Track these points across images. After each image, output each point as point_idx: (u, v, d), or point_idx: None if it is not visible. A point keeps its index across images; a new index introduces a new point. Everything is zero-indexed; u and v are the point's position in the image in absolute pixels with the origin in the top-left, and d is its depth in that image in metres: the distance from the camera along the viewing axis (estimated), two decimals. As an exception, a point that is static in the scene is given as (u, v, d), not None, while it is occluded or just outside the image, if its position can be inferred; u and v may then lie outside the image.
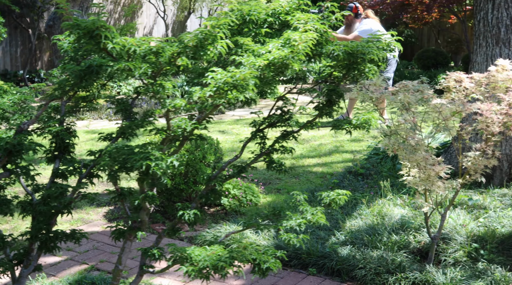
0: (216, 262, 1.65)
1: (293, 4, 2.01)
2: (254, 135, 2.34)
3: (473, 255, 3.48)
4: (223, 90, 1.60)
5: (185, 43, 1.65)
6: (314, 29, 1.82)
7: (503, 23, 4.77)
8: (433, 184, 3.11)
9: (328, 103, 2.12)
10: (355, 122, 2.15)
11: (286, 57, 1.65)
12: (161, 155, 1.58)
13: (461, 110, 3.03)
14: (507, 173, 4.84)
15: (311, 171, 5.62)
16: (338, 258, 3.39)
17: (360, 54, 1.85)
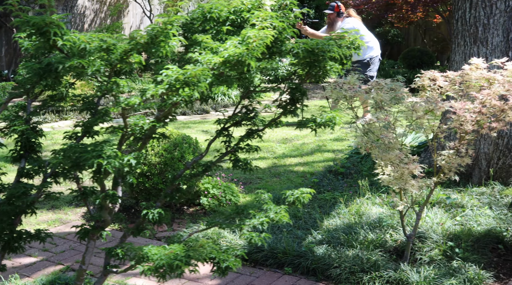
0: (172, 261, 1.64)
1: (256, 1, 2.00)
2: (219, 134, 2.33)
3: (448, 254, 3.49)
4: (175, 87, 1.59)
5: (136, 40, 1.65)
6: (272, 26, 1.81)
7: (480, 22, 4.79)
8: (407, 183, 3.12)
9: (291, 101, 2.12)
10: (319, 120, 2.14)
11: (240, 54, 1.64)
12: (114, 153, 1.57)
13: (433, 108, 3.04)
14: (485, 171, 4.86)
15: (292, 171, 5.62)
16: (314, 257, 3.39)
17: (320, 52, 1.85)
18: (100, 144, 1.58)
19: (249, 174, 5.41)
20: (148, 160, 4.22)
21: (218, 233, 3.73)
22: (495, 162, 4.84)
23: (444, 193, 4.61)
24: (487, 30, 4.77)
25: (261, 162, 5.94)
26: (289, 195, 2.10)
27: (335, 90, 3.18)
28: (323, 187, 4.84)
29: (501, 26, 4.72)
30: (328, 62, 1.86)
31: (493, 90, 3.19)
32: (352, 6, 13.15)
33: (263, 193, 2.16)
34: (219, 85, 1.73)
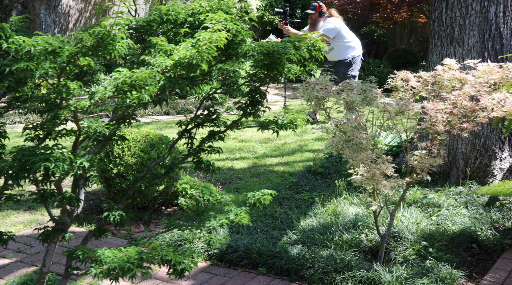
0: (125, 263, 1.64)
1: (214, 4, 2.00)
2: (180, 136, 2.33)
3: (422, 253, 3.51)
4: (123, 90, 1.59)
5: (82, 43, 1.64)
6: (225, 29, 1.81)
7: (456, 22, 4.83)
8: (378, 183, 3.14)
9: (251, 103, 2.12)
10: (281, 122, 2.15)
11: (191, 57, 1.64)
12: (62, 156, 1.56)
13: (404, 109, 3.05)
14: (463, 171, 4.89)
15: (272, 171, 5.63)
16: (288, 257, 3.40)
17: (277, 54, 1.85)
18: (51, 148, 1.57)
19: (229, 174, 5.41)
20: (124, 161, 4.21)
21: (195, 233, 3.73)
22: (473, 161, 4.88)
23: (422, 192, 4.64)
24: (463, 30, 4.81)
25: (242, 162, 5.94)
26: (250, 196, 2.10)
27: (306, 91, 3.19)
28: (302, 187, 4.85)
29: (477, 27, 4.76)
30: (286, 65, 1.86)
31: (463, 91, 3.21)
32: (336, 6, 13.20)
33: (225, 195, 2.16)
34: (173, 87, 1.73)
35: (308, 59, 2.01)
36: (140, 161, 4.22)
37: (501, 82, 3.35)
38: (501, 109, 3.11)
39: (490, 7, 4.71)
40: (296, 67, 1.92)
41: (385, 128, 3.08)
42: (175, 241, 3.68)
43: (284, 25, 8.01)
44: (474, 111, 3.25)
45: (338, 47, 7.96)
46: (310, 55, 2.03)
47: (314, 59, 2.11)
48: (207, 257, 3.58)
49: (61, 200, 1.84)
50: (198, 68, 1.65)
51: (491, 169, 4.82)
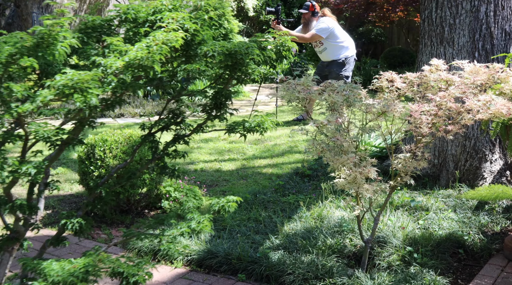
0: (68, 277, 1.55)
1: (177, 2, 1.90)
2: (144, 140, 2.23)
3: (407, 259, 3.42)
4: (64, 93, 1.50)
5: (22, 42, 1.55)
6: (182, 28, 1.72)
7: (446, 22, 4.73)
8: (360, 187, 3.04)
9: (215, 106, 2.03)
10: (248, 125, 2.05)
11: (141, 58, 1.55)
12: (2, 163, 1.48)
13: (386, 110, 2.96)
14: (453, 173, 4.80)
15: (260, 172, 5.53)
16: (268, 263, 3.30)
17: (239, 54, 1.76)
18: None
19: (216, 176, 5.32)
20: (105, 163, 4.12)
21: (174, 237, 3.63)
22: (463, 164, 4.79)
23: (410, 195, 4.55)
24: (453, 30, 4.72)
25: (230, 164, 5.85)
26: (215, 203, 2.01)
27: (287, 92, 3.10)
28: (288, 190, 4.76)
29: (467, 26, 4.66)
30: (251, 65, 1.77)
31: (448, 93, 3.12)
32: (332, 5, 13.11)
33: (188, 202, 2.06)
34: (125, 90, 1.64)
35: (277, 59, 1.91)
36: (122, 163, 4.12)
37: (488, 83, 3.26)
38: (487, 111, 3.02)
39: (481, 6, 4.62)
40: (264, 68, 1.83)
41: (367, 130, 2.99)
42: (154, 246, 3.59)
43: (276, 24, 7.91)
44: (460, 113, 3.16)
45: (331, 47, 7.86)
46: (277, 56, 1.93)
47: (283, 59, 2.01)
48: (186, 262, 3.49)
49: (11, 208, 1.75)
50: (151, 70, 1.56)
51: (481, 171, 4.73)
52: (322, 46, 7.90)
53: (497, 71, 3.23)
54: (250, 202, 4.42)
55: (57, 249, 3.72)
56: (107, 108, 1.69)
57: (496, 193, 3.10)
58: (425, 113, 3.19)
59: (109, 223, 4.22)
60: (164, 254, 3.53)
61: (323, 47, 7.90)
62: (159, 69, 1.56)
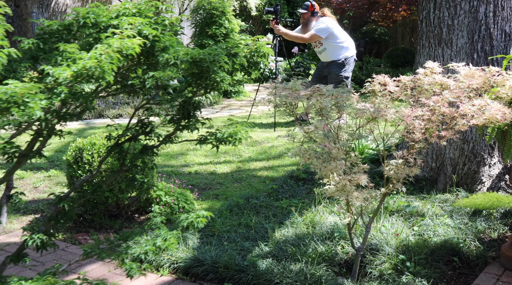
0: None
1: (142, 5, 1.80)
2: (110, 151, 2.14)
3: (399, 268, 3.32)
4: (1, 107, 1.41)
5: None
6: (141, 34, 1.62)
7: (445, 23, 4.62)
8: (349, 195, 2.95)
9: (184, 115, 1.93)
10: (220, 136, 1.96)
11: (89, 68, 1.45)
12: None
13: (377, 116, 2.86)
14: (451, 177, 4.69)
15: (256, 175, 5.44)
16: (255, 272, 3.21)
17: (205, 62, 1.66)
18: None
19: (210, 179, 5.23)
20: (93, 167, 4.03)
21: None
22: (461, 167, 4.68)
23: (406, 200, 4.44)
24: (452, 31, 4.60)
25: (225, 166, 5.76)
26: (184, 219, 1.91)
27: (275, 96, 3.00)
28: (282, 194, 4.66)
29: (466, 27, 4.55)
30: (219, 73, 1.68)
31: (441, 97, 3.01)
32: (334, 5, 12.99)
33: (156, 216, 1.97)
34: (76, 101, 1.54)
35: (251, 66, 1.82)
36: (111, 168, 4.04)
37: (483, 87, 3.16)
38: (481, 117, 2.92)
39: (480, 6, 4.50)
40: (229, 77, 1.73)
41: (357, 136, 2.89)
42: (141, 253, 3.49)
43: (275, 24, 7.81)
44: (454, 118, 3.06)
45: (330, 47, 7.75)
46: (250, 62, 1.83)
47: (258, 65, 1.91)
48: (172, 270, 3.40)
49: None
50: (103, 80, 1.46)
51: (479, 175, 4.62)
52: (321, 47, 7.80)
53: (493, 74, 3.12)
54: (242, 207, 4.32)
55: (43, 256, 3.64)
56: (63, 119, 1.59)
57: (491, 201, 3.00)
58: (418, 118, 3.10)
59: (98, 228, 4.13)
60: (150, 261, 3.44)
61: (323, 48, 7.79)
62: (110, 79, 1.47)
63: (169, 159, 5.98)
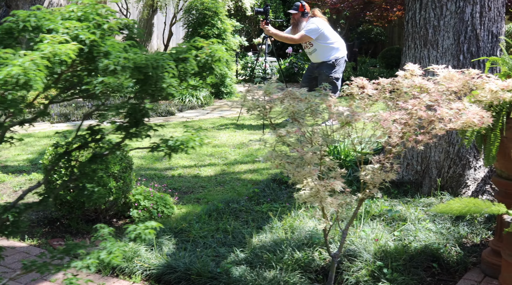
0: None
1: (88, 8, 1.72)
2: (58, 159, 2.05)
3: (376, 274, 3.24)
4: None
5: None
6: (77, 39, 1.54)
7: (430, 24, 4.54)
8: (323, 201, 2.87)
9: (132, 123, 1.85)
10: (172, 144, 1.88)
11: (13, 75, 1.37)
12: None
13: (349, 120, 2.78)
14: (436, 181, 4.62)
15: (240, 178, 5.36)
16: (228, 280, 3.13)
17: (147, 68, 1.58)
18: None
19: (193, 182, 5.15)
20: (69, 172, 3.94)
21: (135, 251, 3.47)
22: (446, 170, 4.60)
23: (390, 204, 4.37)
24: (438, 32, 4.53)
25: (210, 169, 5.68)
26: (131, 230, 1.84)
27: (248, 99, 2.92)
28: (263, 198, 4.58)
29: (452, 28, 4.47)
30: (166, 80, 1.60)
31: (418, 101, 2.93)
32: (329, 5, 12.92)
33: (104, 228, 1.89)
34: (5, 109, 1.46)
35: (205, 71, 1.74)
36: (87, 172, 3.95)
37: (463, 90, 3.07)
38: (459, 120, 2.84)
39: (466, 7, 4.42)
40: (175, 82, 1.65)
41: (329, 141, 2.81)
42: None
43: (265, 25, 7.74)
44: (431, 122, 2.97)
45: (321, 48, 7.68)
46: (203, 67, 1.75)
47: (213, 70, 1.82)
48: (145, 277, 3.32)
49: None
50: (30, 88, 1.39)
51: (464, 179, 4.54)
52: (312, 47, 7.73)
53: (472, 77, 3.04)
54: (221, 211, 4.24)
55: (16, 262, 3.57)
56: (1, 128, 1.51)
57: (468, 206, 2.92)
58: (396, 122, 3.02)
59: (74, 233, 4.05)
60: (123, 268, 3.37)
61: (313, 48, 7.72)
62: (39, 87, 1.39)
63: (154, 162, 5.90)
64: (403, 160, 4.83)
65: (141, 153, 6.22)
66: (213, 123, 8.22)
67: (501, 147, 3.17)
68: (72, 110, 8.76)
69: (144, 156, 6.08)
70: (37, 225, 4.21)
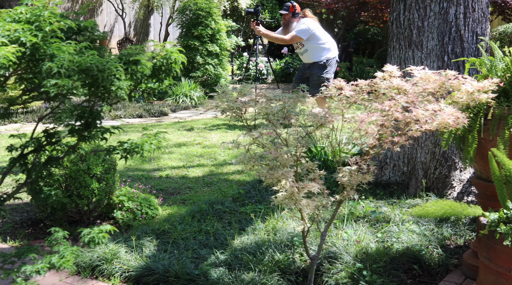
0: None
1: (38, 11, 1.70)
2: (13, 162, 2.05)
3: (356, 277, 3.23)
4: None
5: None
6: (18, 42, 1.53)
7: (415, 24, 4.53)
8: (297, 203, 2.86)
9: (85, 126, 1.84)
10: (127, 147, 1.87)
11: None
12: None
13: (323, 122, 2.77)
14: (422, 182, 4.61)
15: (227, 179, 5.35)
16: (206, 282, 3.12)
17: (92, 71, 1.57)
18: None
19: (180, 183, 5.15)
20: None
21: (114, 253, 3.46)
22: (432, 172, 4.59)
23: (375, 205, 4.36)
24: (422, 33, 4.52)
25: (198, 170, 5.67)
26: (86, 233, 1.83)
27: (223, 101, 2.91)
28: (249, 199, 4.57)
29: (436, 29, 4.46)
30: (114, 82, 1.59)
31: (394, 102, 2.92)
32: (324, 5, 12.91)
33: (58, 231, 1.88)
34: None
35: (160, 73, 1.73)
36: (68, 173, 3.96)
37: (439, 91, 3.06)
38: (434, 122, 2.83)
39: (450, 8, 4.41)
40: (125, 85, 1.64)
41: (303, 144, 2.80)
42: (93, 261, 3.42)
43: (255, 25, 7.73)
44: (408, 123, 2.97)
45: (312, 48, 7.66)
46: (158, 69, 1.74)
47: (169, 72, 1.81)
48: (124, 279, 3.31)
49: None
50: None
51: (450, 180, 4.53)
52: (303, 48, 7.71)
53: (449, 78, 3.03)
54: (205, 212, 4.24)
55: None
56: None
57: (444, 209, 2.91)
58: (372, 123, 3.01)
59: (57, 234, 4.04)
60: (102, 269, 3.36)
61: (304, 49, 7.71)
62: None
63: (142, 162, 5.89)
64: (390, 161, 4.82)
65: (130, 154, 6.21)
66: (205, 124, 8.21)
67: (479, 148, 3.16)
68: (64, 111, 8.75)
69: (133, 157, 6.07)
70: (20, 226, 4.21)
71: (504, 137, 3.04)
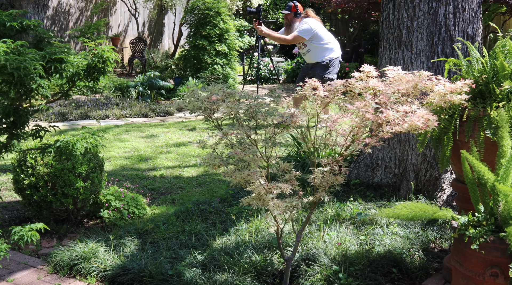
0: None
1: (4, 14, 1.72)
2: None
3: (331, 279, 3.21)
4: None
5: None
6: None
7: (404, 24, 4.48)
8: (265, 204, 2.84)
9: (11, 124, 1.85)
10: (61, 145, 1.88)
11: None
12: None
13: (288, 122, 2.76)
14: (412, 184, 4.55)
15: (220, 179, 5.35)
16: (179, 282, 3.12)
17: (5, 68, 1.57)
18: None
19: (173, 183, 5.16)
20: (36, 171, 3.98)
21: (94, 252, 3.48)
22: (423, 174, 4.54)
23: (364, 207, 4.32)
24: (411, 33, 4.46)
25: (192, 170, 5.68)
26: (17, 231, 1.84)
27: (191, 100, 2.91)
28: (236, 200, 4.56)
29: (426, 29, 4.40)
30: (36, 81, 1.59)
31: (365, 103, 2.89)
32: (334, 5, 12.84)
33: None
34: None
35: (97, 71, 1.73)
36: (53, 172, 3.99)
37: (413, 92, 3.02)
38: (404, 124, 2.79)
39: (439, 8, 4.35)
40: (45, 83, 1.65)
41: (270, 145, 2.79)
42: (72, 260, 3.45)
43: (258, 25, 7.72)
44: (380, 125, 2.93)
45: (314, 49, 7.63)
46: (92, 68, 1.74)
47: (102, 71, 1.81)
48: (100, 278, 3.33)
49: None
50: None
51: (440, 182, 4.47)
52: (305, 48, 7.68)
53: (422, 79, 2.98)
54: (191, 213, 4.24)
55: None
56: None
57: (414, 211, 2.87)
58: (346, 124, 2.99)
59: (43, 233, 4.08)
60: (80, 268, 3.38)
61: (307, 49, 7.68)
62: None
63: (138, 162, 5.92)
64: (381, 162, 4.78)
65: (128, 154, 6.25)
66: (208, 124, 8.22)
67: (456, 150, 3.12)
68: (71, 110, 8.84)
69: (130, 156, 6.11)
70: (8, 224, 4.26)
71: (479, 139, 2.98)
